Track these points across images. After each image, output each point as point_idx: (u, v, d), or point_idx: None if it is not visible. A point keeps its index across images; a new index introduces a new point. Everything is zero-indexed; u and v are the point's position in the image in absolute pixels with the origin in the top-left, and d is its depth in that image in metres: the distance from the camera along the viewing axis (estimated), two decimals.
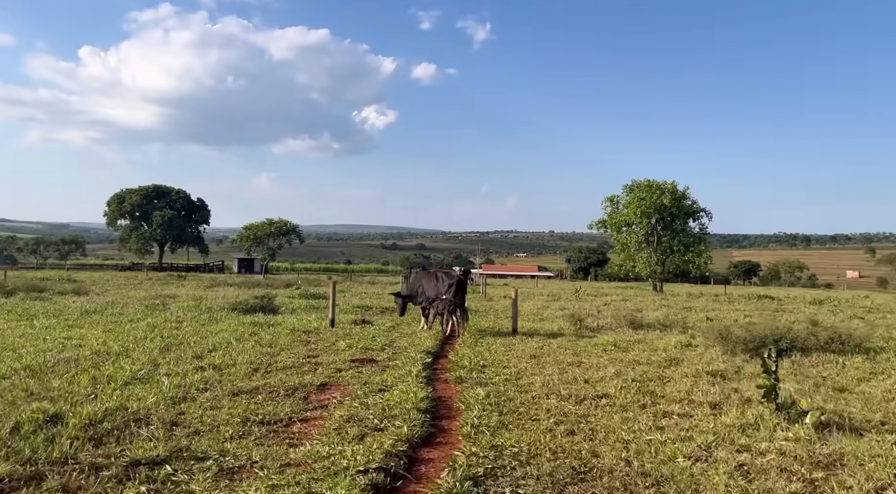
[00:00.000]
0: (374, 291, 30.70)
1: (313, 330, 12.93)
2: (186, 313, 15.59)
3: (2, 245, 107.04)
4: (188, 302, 18.72)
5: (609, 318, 16.79)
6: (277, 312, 17.01)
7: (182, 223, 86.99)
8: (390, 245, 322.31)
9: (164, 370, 8.08)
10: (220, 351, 9.85)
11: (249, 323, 13.49)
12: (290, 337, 11.61)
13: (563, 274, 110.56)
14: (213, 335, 11.69)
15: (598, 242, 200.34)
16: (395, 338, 12.18)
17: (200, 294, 24.41)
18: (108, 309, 16.10)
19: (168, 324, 13.27)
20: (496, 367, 9.23)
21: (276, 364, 8.89)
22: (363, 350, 10.50)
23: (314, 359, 9.41)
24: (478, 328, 14.44)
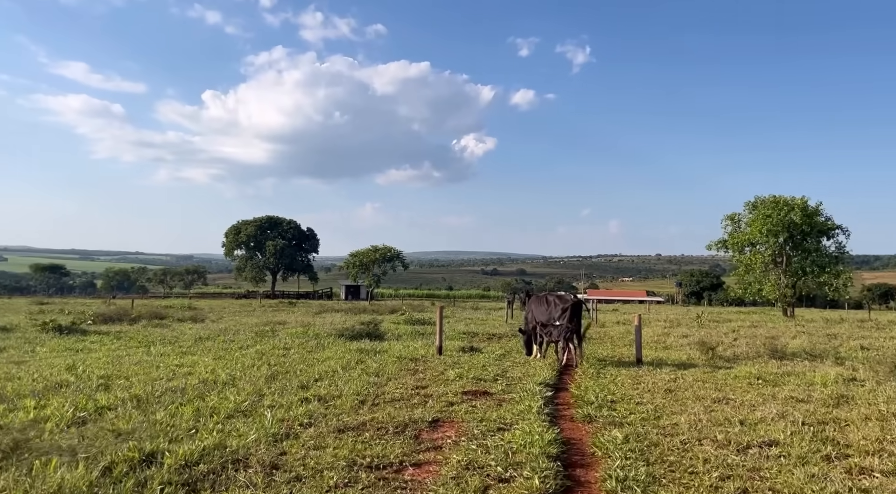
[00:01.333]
0: (479, 317, 29.94)
1: (420, 357, 12.28)
2: (294, 340, 15.46)
3: (134, 275, 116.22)
4: (296, 329, 18.73)
5: (744, 346, 15.05)
6: (383, 338, 16.57)
7: (293, 252, 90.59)
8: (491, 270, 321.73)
9: (269, 401, 7.62)
10: (326, 380, 9.36)
11: (356, 350, 13.06)
12: (397, 366, 11.00)
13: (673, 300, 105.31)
14: (320, 363, 11.29)
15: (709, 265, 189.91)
16: (507, 368, 11.28)
17: (309, 320, 24.62)
18: (220, 336, 16.27)
19: (276, 351, 13.08)
20: (628, 403, 8.11)
21: (383, 395, 8.24)
22: (474, 380, 9.68)
23: (423, 391, 8.69)
24: (596, 356, 13.27)
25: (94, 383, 8.55)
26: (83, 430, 5.79)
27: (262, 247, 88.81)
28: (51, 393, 7.68)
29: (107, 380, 8.85)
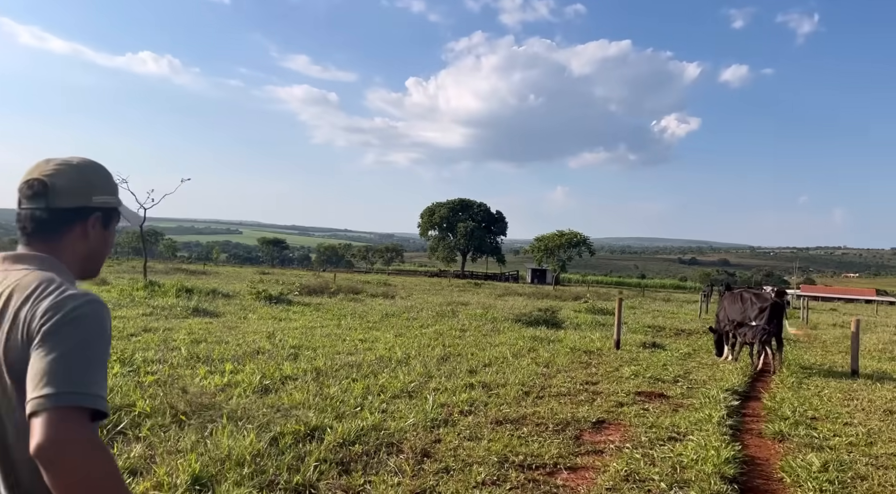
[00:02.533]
0: (669, 309, 28.18)
1: (595, 350, 11.77)
2: (472, 322, 15.70)
3: (341, 251, 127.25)
4: (476, 311, 19.04)
5: None
6: (561, 327, 16.22)
7: (482, 234, 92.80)
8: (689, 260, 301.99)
9: (435, 384, 7.74)
10: (494, 367, 9.32)
11: (530, 338, 12.89)
12: (568, 357, 10.64)
13: None
14: (492, 347, 11.31)
15: None
16: (691, 369, 10.39)
17: (490, 302, 24.96)
18: (405, 314, 17.06)
19: (452, 332, 13.36)
20: (833, 423, 7.00)
21: (549, 388, 7.98)
22: (651, 380, 9.02)
23: (593, 387, 8.27)
24: (800, 363, 11.73)
25: (285, 352, 9.34)
26: (264, 399, 6.30)
27: (454, 228, 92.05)
28: (247, 359, 8.52)
29: (296, 350, 9.62)
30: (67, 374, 1.18)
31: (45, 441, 1.13)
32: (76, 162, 1.47)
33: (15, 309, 1.27)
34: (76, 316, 1.24)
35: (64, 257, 1.43)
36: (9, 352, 1.25)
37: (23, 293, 1.29)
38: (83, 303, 1.27)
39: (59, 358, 1.19)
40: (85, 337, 1.24)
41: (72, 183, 1.42)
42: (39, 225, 1.41)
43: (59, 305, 1.25)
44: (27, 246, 1.42)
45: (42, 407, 1.15)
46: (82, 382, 1.19)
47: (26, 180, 1.42)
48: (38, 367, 1.19)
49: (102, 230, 1.50)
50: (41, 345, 1.21)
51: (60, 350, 1.20)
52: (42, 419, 1.14)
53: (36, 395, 1.16)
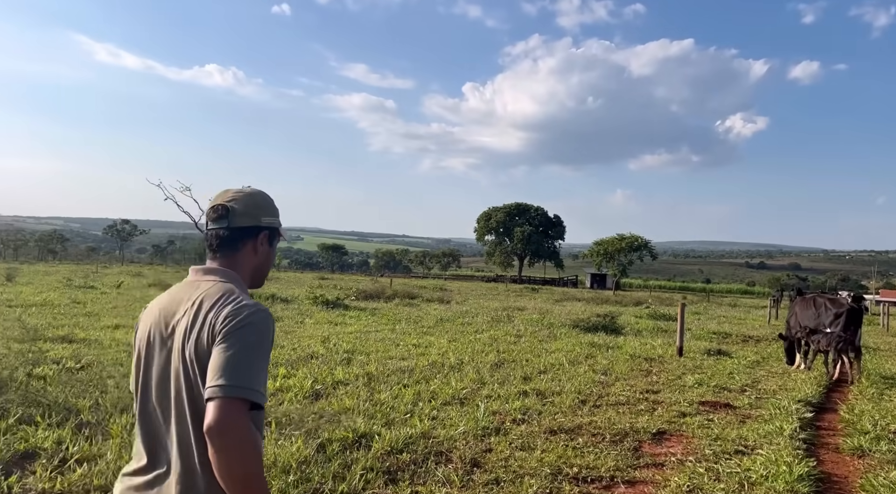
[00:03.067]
0: (735, 315, 27.07)
1: (657, 357, 11.33)
2: (528, 327, 15.43)
3: (398, 257, 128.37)
4: (533, 316, 18.74)
5: None
6: (620, 333, 15.76)
7: (540, 238, 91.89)
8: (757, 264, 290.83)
9: (487, 391, 7.57)
10: (550, 374, 9.07)
11: (587, 344, 12.54)
12: (628, 365, 10.27)
13: None
14: (548, 354, 11.04)
15: None
16: (759, 378, 9.85)
17: (547, 308, 24.57)
18: (459, 319, 16.93)
19: (507, 338, 13.15)
20: None
21: (607, 397, 7.68)
22: (716, 389, 8.58)
23: (653, 396, 7.92)
24: (880, 373, 10.97)
25: (339, 357, 9.35)
26: (315, 404, 6.27)
27: (511, 232, 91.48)
28: (301, 364, 8.56)
29: (350, 355, 9.63)
30: (236, 370, 1.50)
31: (213, 422, 1.46)
32: (248, 191, 1.85)
33: (204, 313, 1.61)
34: (248, 322, 1.57)
35: (239, 269, 1.79)
36: (199, 349, 1.58)
37: (211, 300, 1.64)
38: (254, 312, 1.60)
39: (231, 357, 1.52)
40: (252, 340, 1.56)
41: (246, 207, 1.80)
42: (222, 242, 1.78)
43: (236, 313, 1.58)
44: (213, 259, 1.80)
45: (215, 394, 1.48)
46: (246, 378, 1.51)
47: (212, 206, 1.80)
48: (215, 362, 1.52)
49: (268, 246, 1.87)
50: (219, 345, 1.55)
51: (233, 350, 1.53)
52: (213, 404, 1.48)
53: (211, 384, 1.50)
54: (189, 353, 1.60)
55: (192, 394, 1.61)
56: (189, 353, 1.60)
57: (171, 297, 1.74)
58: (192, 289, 1.72)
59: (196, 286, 1.72)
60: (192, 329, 1.62)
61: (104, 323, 11.95)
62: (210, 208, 1.81)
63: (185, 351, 1.61)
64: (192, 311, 1.65)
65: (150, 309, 1.78)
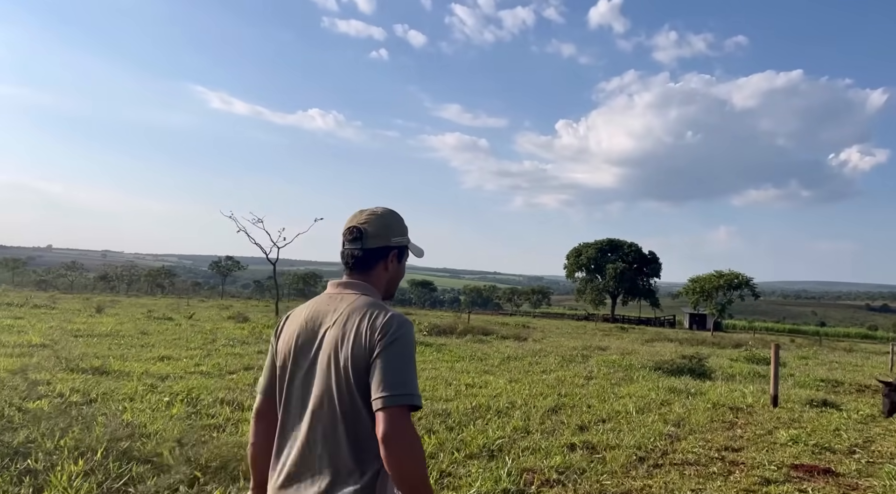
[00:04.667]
0: (851, 361, 24.07)
1: (745, 407, 9.74)
2: (602, 369, 14.05)
3: (486, 293, 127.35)
4: (612, 357, 17.23)
5: None
6: (709, 377, 14.05)
7: (633, 275, 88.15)
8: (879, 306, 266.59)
9: (529, 441, 6.51)
10: (611, 423, 7.85)
11: (666, 389, 11.08)
12: (708, 415, 8.81)
13: None
14: (616, 399, 9.76)
15: None
16: (874, 437, 8.15)
17: (634, 348, 22.79)
18: (528, 358, 15.77)
19: (575, 380, 11.91)
20: None
21: (673, 454, 6.41)
22: (815, 449, 7.06)
23: (732, 455, 6.56)
24: None
25: None
26: None
27: (602, 269, 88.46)
28: None
29: None
30: (399, 380, 1.67)
31: (389, 430, 1.61)
32: (381, 212, 1.97)
33: (356, 324, 1.75)
34: (401, 333, 1.73)
35: (375, 283, 1.93)
36: (355, 356, 1.71)
37: (360, 312, 1.78)
38: (403, 323, 1.76)
39: (393, 367, 1.68)
40: (405, 349, 1.73)
41: (378, 229, 1.92)
42: (357, 261, 1.92)
43: (389, 324, 1.73)
44: (349, 276, 1.93)
45: (385, 404, 1.64)
46: (407, 385, 1.68)
47: (348, 228, 1.93)
48: (380, 373, 1.68)
49: (398, 263, 2.00)
50: (381, 356, 1.69)
51: (393, 360, 1.69)
52: (385, 413, 1.63)
53: (380, 395, 1.65)
54: (344, 360, 1.72)
55: (345, 399, 1.72)
56: (344, 360, 1.72)
57: (316, 307, 1.87)
58: (336, 301, 1.85)
59: (340, 298, 1.86)
60: (346, 338, 1.74)
61: (152, 355, 11.74)
62: (346, 229, 1.94)
63: (339, 357, 1.73)
64: (342, 321, 1.77)
65: (295, 316, 1.90)
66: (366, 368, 1.69)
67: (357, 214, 1.96)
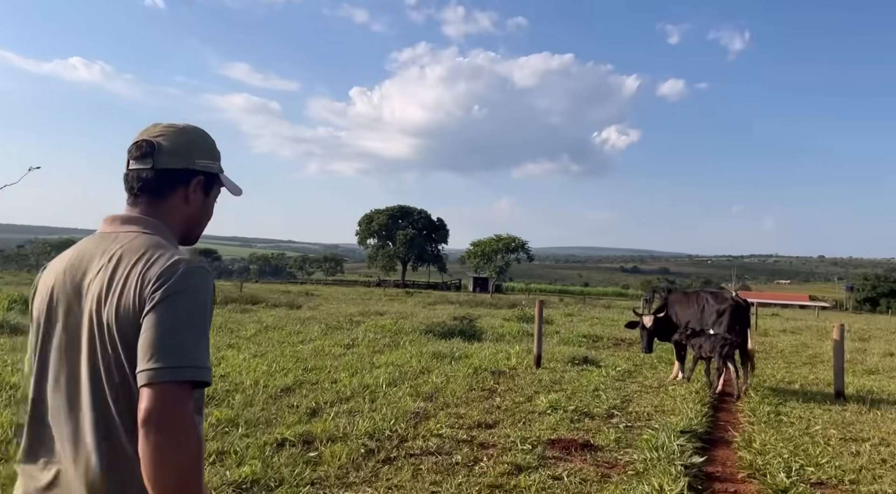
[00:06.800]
0: (609, 316, 25.89)
1: (508, 370, 8.97)
2: (369, 335, 12.74)
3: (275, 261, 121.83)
4: (385, 322, 16.08)
5: None
6: (479, 338, 13.46)
7: (423, 242, 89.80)
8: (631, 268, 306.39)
9: (224, 442, 4.77)
10: (353, 401, 6.41)
11: (430, 354, 10.02)
12: (467, 382, 7.80)
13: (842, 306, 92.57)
14: (371, 370, 8.41)
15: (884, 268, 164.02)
16: (631, 395, 7.72)
17: (414, 312, 22.07)
18: (291, 327, 13.97)
19: (334, 349, 10.41)
20: (847, 485, 4.40)
21: (414, 440, 5.10)
22: (576, 416, 6.28)
23: (485, 433, 5.46)
24: (767, 383, 9.27)
25: None
26: None
27: (393, 236, 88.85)
28: None
29: None
30: (177, 347, 1.21)
31: (152, 413, 1.17)
32: (182, 126, 1.52)
33: (125, 271, 1.28)
34: (185, 284, 1.25)
35: (168, 219, 1.44)
36: (119, 316, 1.25)
37: (133, 256, 1.30)
38: (191, 271, 1.28)
39: (169, 330, 1.21)
40: (193, 307, 1.25)
41: (178, 145, 1.46)
42: (146, 184, 1.43)
43: (170, 272, 1.26)
44: (133, 206, 1.44)
45: (153, 379, 1.18)
46: (190, 355, 1.21)
47: (135, 142, 1.45)
48: (149, 337, 1.21)
49: (203, 195, 1.52)
50: (152, 314, 1.22)
51: (171, 321, 1.22)
52: (152, 392, 1.18)
53: (148, 367, 1.19)
54: (108, 320, 1.26)
55: (113, 373, 1.27)
56: (108, 320, 1.26)
57: (79, 253, 1.38)
58: (107, 242, 1.36)
59: (112, 238, 1.37)
60: (111, 290, 1.27)
61: None
62: (133, 144, 1.46)
63: (103, 317, 1.27)
64: (108, 268, 1.30)
65: (52, 268, 1.41)
66: (137, 329, 1.23)
67: (149, 128, 1.49)
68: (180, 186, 1.46)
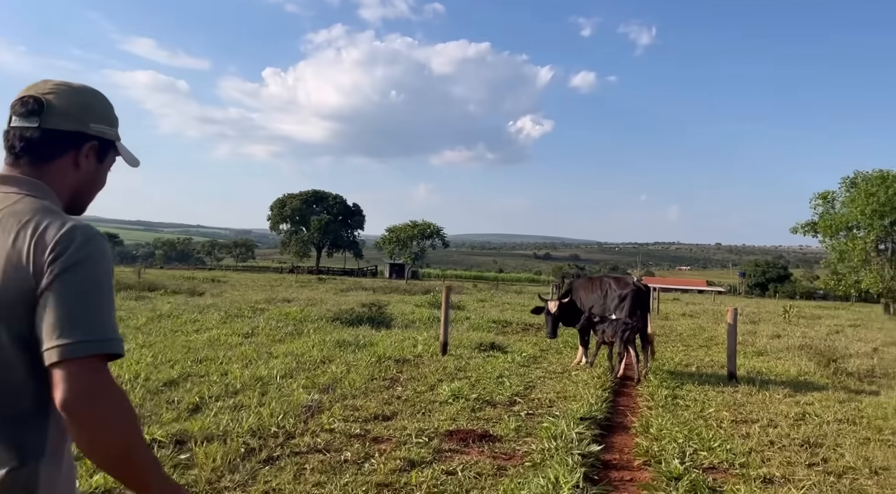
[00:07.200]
0: (520, 302, 26.23)
1: (413, 358, 8.73)
2: (271, 323, 12.17)
3: (181, 247, 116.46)
4: (291, 309, 15.48)
5: (872, 359, 10.95)
6: (388, 325, 13.16)
7: (338, 227, 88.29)
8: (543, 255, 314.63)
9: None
10: (241, 396, 5.97)
11: (334, 343, 9.62)
12: (369, 372, 7.49)
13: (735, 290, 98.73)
14: (267, 360, 7.94)
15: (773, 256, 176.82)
16: (534, 381, 7.65)
17: (325, 298, 21.46)
18: (188, 315, 13.15)
19: (232, 339, 9.82)
20: (738, 469, 4.43)
21: (301, 437, 4.75)
22: (477, 405, 6.11)
23: (380, 426, 5.17)
24: (665, 366, 9.50)
25: None
26: None
27: (307, 221, 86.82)
28: None
29: None
30: (89, 320, 1.12)
31: (78, 392, 1.08)
32: (77, 85, 1.37)
33: (12, 238, 1.15)
34: (88, 253, 1.16)
35: (54, 184, 1.31)
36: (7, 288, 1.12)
37: (19, 219, 1.18)
38: (91, 237, 1.18)
39: (79, 302, 1.12)
40: (98, 276, 1.16)
41: (70, 105, 1.31)
42: (29, 145, 1.29)
43: (68, 238, 1.15)
44: (14, 167, 1.30)
45: (66, 355, 1.09)
46: (101, 327, 1.14)
47: (20, 97, 1.31)
48: (57, 311, 1.11)
49: (96, 162, 1.38)
50: (56, 286, 1.12)
51: (78, 292, 1.13)
52: (69, 368, 1.09)
53: (57, 343, 1.10)
54: None
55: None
56: None
57: None
58: None
59: None
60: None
61: None
62: (17, 99, 1.30)
63: None
64: None
65: None
66: (28, 304, 1.12)
67: (39, 83, 1.33)
68: (70, 150, 1.33)
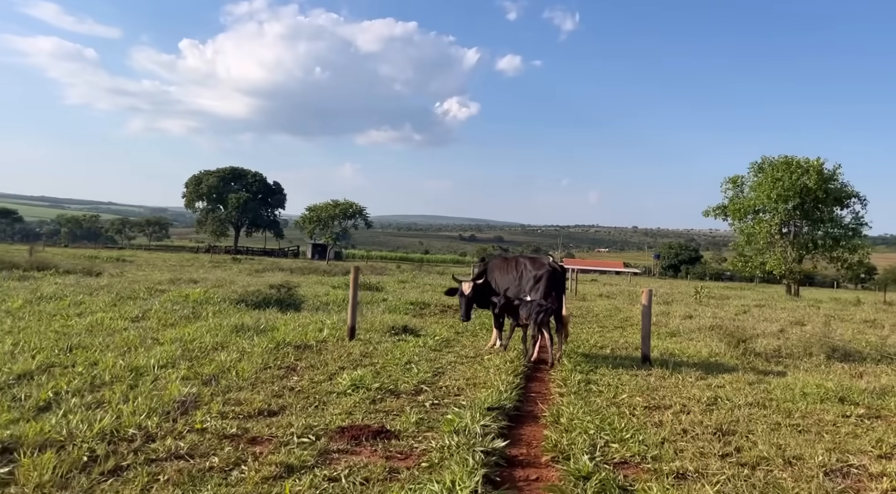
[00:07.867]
0: (441, 283, 25.85)
1: (316, 344, 8.11)
2: (168, 305, 11.20)
3: (88, 224, 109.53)
4: (194, 290, 14.44)
5: (779, 339, 11.16)
6: (298, 308, 12.43)
7: (257, 206, 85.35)
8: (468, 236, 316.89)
9: None
10: (106, 390, 5.20)
11: (231, 328, 8.85)
12: (263, 359, 6.84)
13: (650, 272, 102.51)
14: (151, 348, 7.12)
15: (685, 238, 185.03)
16: (444, 367, 7.21)
17: (234, 279, 20.32)
18: (73, 297, 11.95)
19: (117, 323, 8.88)
20: (650, 463, 4.12)
21: (165, 438, 4.09)
22: (378, 395, 5.59)
23: (262, 424, 4.57)
24: (580, 349, 9.28)
25: None
26: None
27: (225, 199, 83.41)
28: None
29: None
30: None
31: None
32: None
33: None
34: None
35: None
36: None
37: None
38: None
39: None
40: None
41: None
42: None
43: None
44: None
45: None
46: None
47: None
48: None
49: None
50: None
51: None
52: None
53: None
54: None
55: None
56: None
57: None
58: None
59: None
60: None
61: None
62: None
63: None
64: None
65: None
66: None
67: None
68: None
